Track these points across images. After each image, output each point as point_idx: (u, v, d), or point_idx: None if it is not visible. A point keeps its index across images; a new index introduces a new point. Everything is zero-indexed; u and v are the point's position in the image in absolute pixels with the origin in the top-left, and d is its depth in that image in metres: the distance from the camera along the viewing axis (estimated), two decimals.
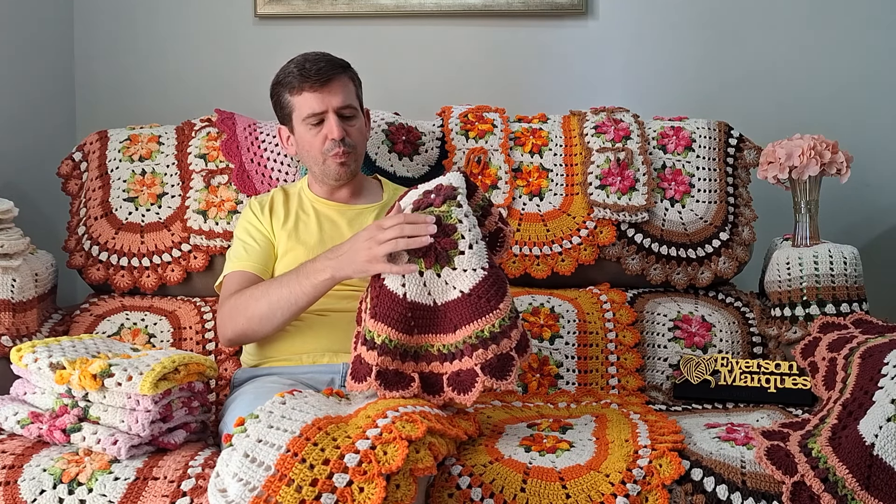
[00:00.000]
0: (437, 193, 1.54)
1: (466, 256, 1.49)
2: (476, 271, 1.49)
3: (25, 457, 1.46)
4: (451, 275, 1.49)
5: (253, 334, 1.72)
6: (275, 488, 1.23)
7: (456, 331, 1.48)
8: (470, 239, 1.49)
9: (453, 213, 1.51)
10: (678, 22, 2.57)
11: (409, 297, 1.49)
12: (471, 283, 1.48)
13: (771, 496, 1.39)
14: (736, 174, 2.20)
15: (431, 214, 1.50)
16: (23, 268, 1.90)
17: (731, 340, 2.01)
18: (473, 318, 1.48)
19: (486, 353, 1.47)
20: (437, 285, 1.49)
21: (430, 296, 1.50)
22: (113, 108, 2.58)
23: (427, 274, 1.49)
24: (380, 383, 1.48)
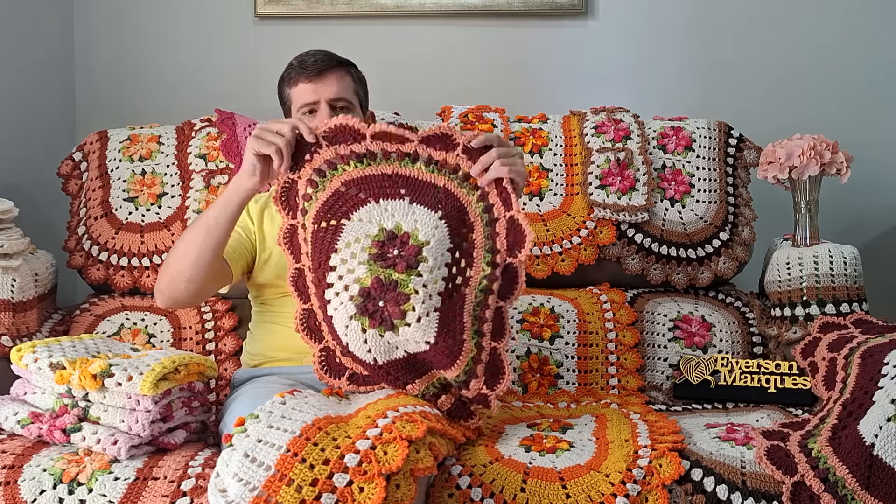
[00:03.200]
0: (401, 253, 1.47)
1: (412, 328, 1.44)
2: (419, 343, 1.46)
3: (25, 457, 1.46)
4: (395, 339, 1.46)
5: (178, 276, 1.62)
6: (275, 488, 1.23)
7: (405, 387, 1.50)
8: (421, 311, 1.44)
9: (412, 282, 1.45)
10: (678, 22, 2.57)
11: (351, 348, 1.48)
12: (415, 351, 1.47)
13: (771, 496, 1.39)
14: (736, 174, 2.20)
15: (390, 279, 1.45)
16: (23, 268, 1.90)
17: (731, 340, 2.01)
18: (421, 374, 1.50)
19: (479, 382, 1.49)
20: (379, 345, 1.46)
21: (370, 353, 1.47)
22: (113, 108, 2.58)
23: (370, 333, 1.46)
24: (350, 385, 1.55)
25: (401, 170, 1.53)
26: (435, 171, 1.53)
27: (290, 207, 1.55)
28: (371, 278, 1.46)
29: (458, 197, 1.52)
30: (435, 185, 1.52)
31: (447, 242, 1.49)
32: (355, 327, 1.46)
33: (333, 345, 1.53)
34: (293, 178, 1.54)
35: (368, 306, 1.46)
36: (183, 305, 1.74)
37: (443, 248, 1.49)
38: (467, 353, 1.47)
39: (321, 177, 1.53)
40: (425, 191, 1.52)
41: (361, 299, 1.46)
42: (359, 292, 1.46)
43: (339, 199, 1.52)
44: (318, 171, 1.53)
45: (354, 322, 1.46)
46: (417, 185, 1.52)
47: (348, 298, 1.47)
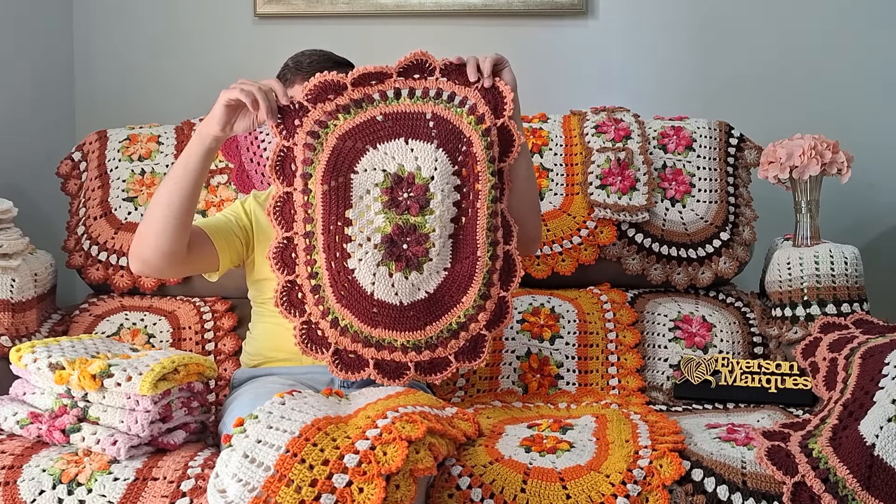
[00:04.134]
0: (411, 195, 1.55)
1: (434, 262, 1.56)
2: (440, 273, 1.56)
3: (25, 457, 1.45)
4: (419, 278, 1.55)
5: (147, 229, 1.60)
6: (274, 489, 1.23)
7: (425, 328, 1.55)
8: (439, 245, 1.56)
9: (428, 221, 1.55)
10: (678, 22, 2.57)
11: (377, 295, 1.54)
12: (436, 284, 1.56)
13: (771, 497, 1.38)
14: (737, 174, 2.20)
15: (408, 224, 1.54)
16: (22, 268, 1.89)
17: (731, 340, 2.00)
18: (440, 315, 1.56)
19: (459, 342, 1.57)
20: (405, 287, 1.55)
21: (396, 296, 1.55)
22: (112, 107, 2.58)
23: (396, 276, 1.54)
24: (335, 362, 1.56)
25: (387, 108, 1.59)
26: (419, 100, 1.59)
27: (286, 175, 1.58)
28: (391, 225, 1.55)
29: (448, 118, 1.58)
30: (423, 113, 1.59)
31: (450, 168, 1.57)
32: (383, 273, 1.54)
33: (317, 316, 1.56)
34: (288, 146, 1.57)
35: (394, 251, 1.55)
36: (155, 269, 1.65)
37: (447, 177, 1.57)
38: (482, 269, 1.57)
39: (316, 138, 1.57)
40: (416, 122, 1.58)
41: (385, 246, 1.55)
42: (381, 240, 1.55)
43: (339, 155, 1.56)
44: (311, 134, 1.57)
45: (382, 268, 1.54)
46: (407, 119, 1.59)
47: (373, 247, 1.55)
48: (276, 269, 1.57)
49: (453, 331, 1.58)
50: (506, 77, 1.63)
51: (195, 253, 1.67)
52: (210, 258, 1.70)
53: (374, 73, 1.58)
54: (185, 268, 1.71)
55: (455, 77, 1.60)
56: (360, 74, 1.58)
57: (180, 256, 1.63)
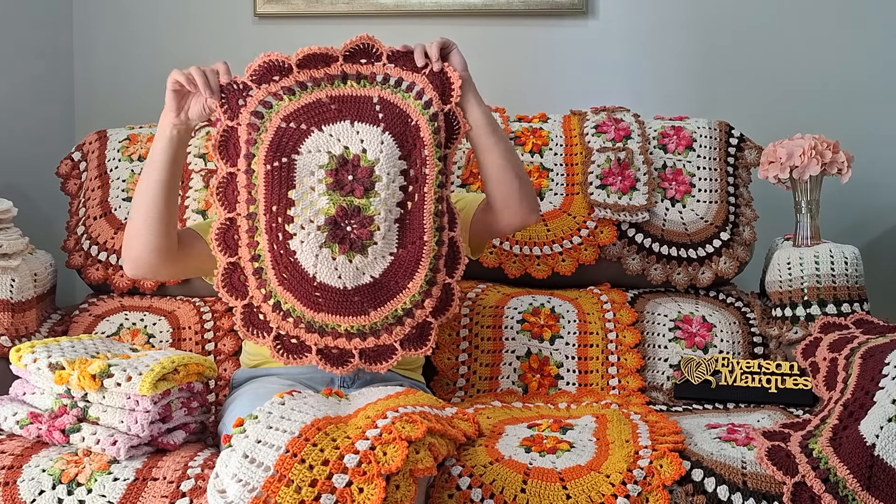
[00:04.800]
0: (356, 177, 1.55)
1: (379, 246, 1.55)
2: (385, 258, 1.56)
3: (24, 457, 1.45)
4: (363, 262, 1.55)
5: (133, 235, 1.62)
6: (274, 489, 1.23)
7: (370, 313, 1.55)
8: (384, 229, 1.55)
9: (373, 204, 1.55)
10: (678, 22, 2.57)
11: (319, 278, 1.54)
12: (381, 268, 1.55)
13: (772, 497, 1.38)
14: (737, 174, 2.20)
15: (352, 206, 1.54)
16: (22, 268, 1.89)
17: (731, 341, 2.00)
18: (385, 300, 1.55)
19: (404, 329, 1.57)
20: (349, 270, 1.54)
21: (340, 279, 1.54)
22: (112, 107, 2.58)
23: (339, 259, 1.54)
24: (276, 346, 1.55)
25: (333, 91, 1.59)
26: (366, 84, 1.60)
27: (229, 156, 1.58)
28: (335, 207, 1.54)
29: (396, 103, 1.59)
30: (370, 97, 1.59)
31: (396, 153, 1.57)
32: (326, 255, 1.54)
33: (259, 299, 1.56)
34: (232, 126, 1.58)
35: (337, 233, 1.54)
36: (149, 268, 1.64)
37: (393, 161, 1.56)
38: (429, 254, 1.57)
39: (259, 118, 1.57)
40: (362, 106, 1.58)
41: (329, 227, 1.54)
42: (325, 221, 1.54)
43: (283, 136, 1.56)
44: (255, 114, 1.57)
45: (325, 250, 1.54)
46: (354, 103, 1.59)
47: (316, 229, 1.54)
48: (217, 251, 1.57)
49: (398, 317, 1.57)
50: (454, 60, 1.64)
51: (188, 252, 1.67)
52: (205, 258, 1.70)
53: (320, 54, 1.59)
54: (178, 266, 1.70)
55: (402, 63, 1.61)
56: (305, 55, 1.58)
57: (171, 253, 1.63)
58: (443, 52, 1.63)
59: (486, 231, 1.80)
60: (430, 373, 1.93)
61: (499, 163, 1.68)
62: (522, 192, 1.71)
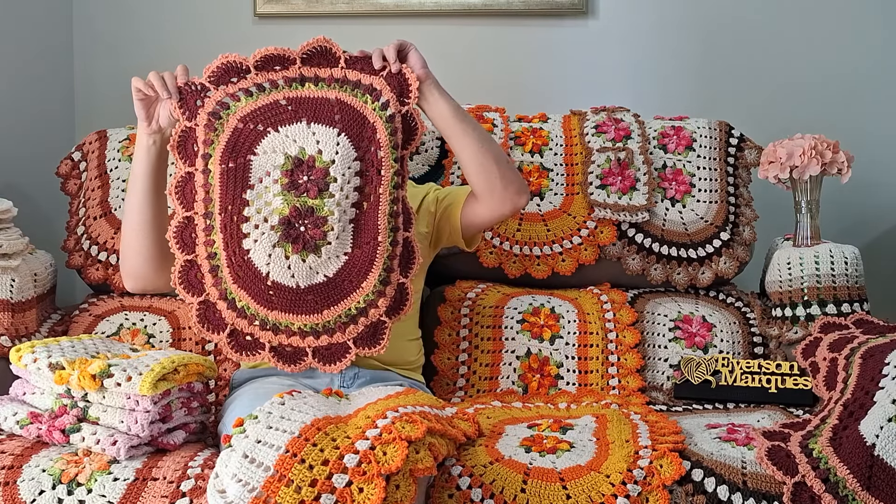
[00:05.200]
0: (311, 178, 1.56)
1: (333, 246, 1.55)
2: (339, 257, 1.56)
3: (24, 457, 1.45)
4: (317, 261, 1.55)
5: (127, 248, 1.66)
6: (274, 489, 1.23)
7: (322, 311, 1.55)
8: (338, 229, 1.55)
9: (326, 204, 1.55)
10: (678, 22, 2.57)
11: (272, 276, 1.55)
12: (335, 269, 1.56)
13: (772, 497, 1.38)
14: (737, 174, 2.20)
15: (306, 206, 1.54)
16: (22, 268, 1.89)
17: (731, 340, 2.00)
18: (339, 300, 1.56)
19: (357, 328, 1.57)
20: (302, 270, 1.54)
21: (293, 278, 1.55)
22: (112, 107, 2.58)
23: (293, 258, 1.54)
24: (230, 343, 1.57)
25: (291, 93, 1.61)
26: (324, 87, 1.61)
27: (187, 156, 1.60)
28: (289, 207, 1.55)
29: (353, 105, 1.60)
30: (327, 98, 1.60)
31: (352, 154, 1.58)
32: (279, 255, 1.54)
33: (215, 296, 1.57)
34: (190, 127, 1.59)
35: (291, 233, 1.55)
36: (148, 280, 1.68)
37: (348, 162, 1.57)
38: (383, 255, 1.57)
39: (217, 118, 1.59)
40: (319, 107, 1.60)
41: (283, 227, 1.55)
42: (279, 221, 1.55)
43: (239, 137, 1.58)
44: (212, 115, 1.59)
45: (278, 249, 1.54)
46: (311, 104, 1.60)
47: (269, 228, 1.55)
48: (175, 249, 1.59)
49: (352, 316, 1.57)
50: (412, 60, 1.64)
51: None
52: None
53: (277, 56, 1.60)
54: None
55: (360, 66, 1.63)
56: (262, 57, 1.60)
57: (166, 261, 1.65)
58: (400, 54, 1.64)
59: (477, 221, 1.79)
60: (430, 373, 1.93)
61: (474, 148, 1.68)
62: (505, 175, 1.70)
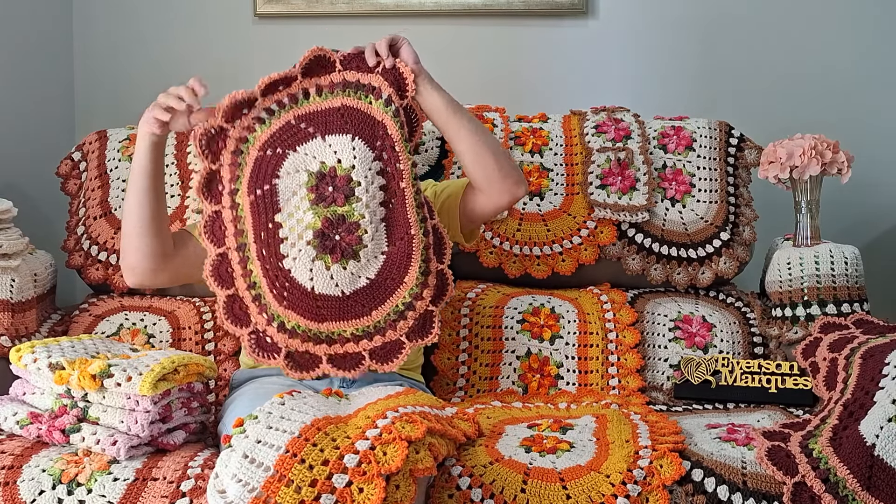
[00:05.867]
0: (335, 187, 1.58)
1: (370, 248, 1.57)
2: (378, 258, 1.58)
3: (24, 457, 1.45)
4: (357, 266, 1.57)
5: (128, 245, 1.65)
6: (274, 489, 1.23)
7: (371, 313, 1.57)
8: (371, 230, 1.58)
9: (356, 209, 1.57)
10: (678, 22, 2.57)
11: (318, 289, 1.56)
12: (376, 269, 1.57)
13: (772, 497, 1.38)
14: (737, 174, 2.20)
15: (336, 215, 1.56)
16: (22, 268, 1.89)
17: (731, 341, 2.00)
18: (385, 298, 1.57)
19: (407, 322, 1.58)
20: (344, 277, 1.56)
21: (337, 287, 1.56)
22: (112, 107, 2.58)
23: (334, 268, 1.56)
24: (288, 364, 1.57)
25: (299, 110, 1.62)
26: (328, 95, 1.62)
27: (213, 195, 1.61)
28: (320, 220, 1.57)
29: (359, 107, 1.62)
30: (334, 107, 1.62)
31: (369, 155, 1.60)
32: (320, 267, 1.56)
33: (262, 324, 1.58)
34: (215, 169, 1.60)
35: (327, 244, 1.56)
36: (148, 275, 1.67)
37: (368, 164, 1.59)
38: (419, 247, 1.59)
39: (240, 155, 1.60)
40: (328, 118, 1.62)
41: (318, 240, 1.56)
42: (314, 235, 1.57)
43: (262, 165, 1.59)
44: (235, 153, 1.60)
45: (318, 262, 1.56)
46: (320, 117, 1.62)
47: (306, 244, 1.56)
48: (214, 286, 1.59)
49: (400, 311, 1.59)
50: (404, 54, 1.66)
51: (183, 253, 1.69)
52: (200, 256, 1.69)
53: (281, 78, 1.62)
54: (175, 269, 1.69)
55: (356, 66, 1.64)
56: (267, 84, 1.61)
57: (167, 256, 1.65)
58: (392, 49, 1.65)
59: (476, 214, 1.78)
60: (430, 373, 1.93)
61: (470, 140, 1.68)
62: (502, 166, 1.70)
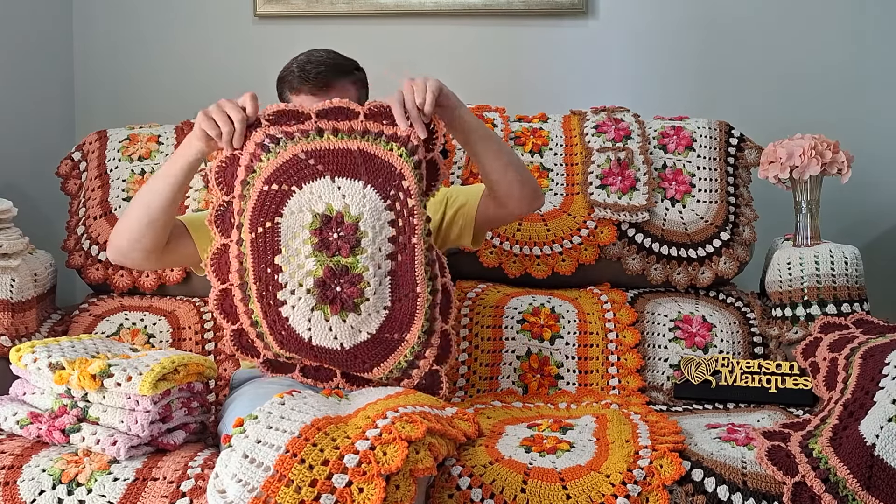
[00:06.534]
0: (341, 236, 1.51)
1: (371, 301, 1.51)
2: (380, 312, 1.52)
3: (24, 457, 1.45)
4: (357, 320, 1.51)
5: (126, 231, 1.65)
6: (274, 489, 1.23)
7: (373, 370, 1.54)
8: (375, 284, 1.51)
9: (360, 261, 1.50)
10: (678, 22, 2.57)
11: (315, 341, 1.52)
12: (377, 324, 1.52)
13: (772, 497, 1.38)
14: (737, 174, 2.20)
15: (339, 265, 1.50)
16: (22, 268, 1.89)
17: (731, 340, 2.00)
18: (386, 355, 1.53)
19: (412, 381, 1.56)
20: (344, 330, 1.52)
21: (336, 339, 1.52)
22: (112, 107, 2.58)
23: (333, 319, 1.51)
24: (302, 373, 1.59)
25: (309, 145, 1.53)
26: (344, 137, 1.53)
27: (224, 229, 1.57)
28: (322, 269, 1.51)
29: (377, 154, 1.53)
30: (349, 149, 1.52)
31: (380, 205, 1.52)
32: (318, 317, 1.51)
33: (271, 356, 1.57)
34: (227, 200, 1.56)
35: (328, 294, 1.51)
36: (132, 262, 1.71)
37: (378, 214, 1.51)
38: (423, 305, 1.52)
39: (245, 185, 1.54)
40: (341, 159, 1.52)
41: (318, 290, 1.51)
42: (314, 283, 1.51)
43: (265, 200, 1.52)
44: (243, 183, 1.54)
45: (317, 312, 1.51)
46: (332, 156, 1.52)
47: (305, 292, 1.51)
48: (221, 319, 1.59)
49: (403, 369, 1.56)
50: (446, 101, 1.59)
51: (173, 246, 1.70)
52: (190, 252, 1.72)
53: (291, 111, 1.54)
54: (161, 262, 1.74)
55: (381, 118, 1.54)
56: (276, 111, 1.54)
57: (157, 252, 1.67)
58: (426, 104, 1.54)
59: (491, 221, 1.85)
60: None
61: (497, 163, 1.71)
62: (524, 183, 1.73)
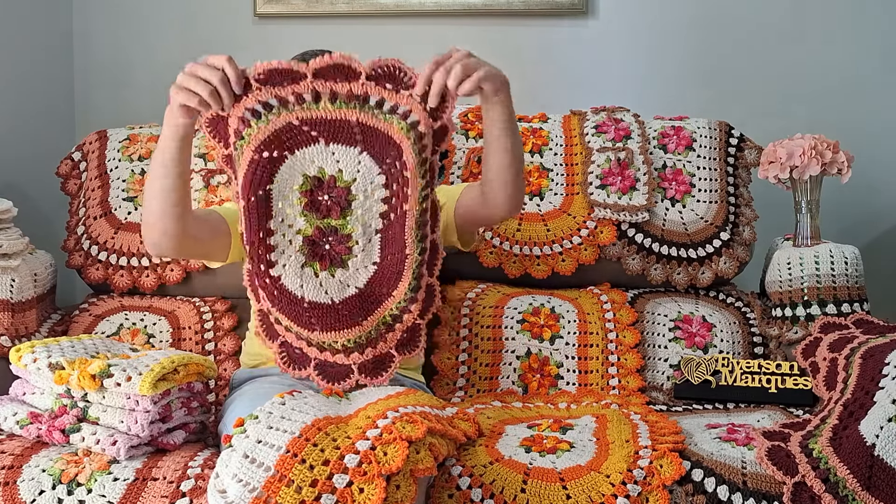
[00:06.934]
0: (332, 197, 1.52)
1: (359, 258, 1.54)
2: (367, 268, 1.55)
3: (24, 457, 1.45)
4: (345, 274, 1.54)
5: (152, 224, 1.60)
6: (274, 489, 1.23)
7: (362, 323, 1.54)
8: (363, 242, 1.54)
9: (349, 222, 1.54)
10: (679, 21, 2.57)
11: (307, 297, 1.53)
12: (364, 279, 1.54)
13: (772, 497, 1.38)
14: (737, 174, 2.20)
15: (329, 226, 1.53)
16: (22, 268, 1.89)
17: (731, 341, 2.00)
18: (374, 308, 1.54)
19: (396, 334, 1.56)
20: (333, 284, 1.54)
21: (326, 294, 1.54)
22: (112, 107, 2.58)
23: (322, 275, 1.54)
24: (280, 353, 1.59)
25: (304, 114, 1.49)
26: (343, 105, 1.48)
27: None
28: (312, 228, 1.54)
29: (377, 127, 1.49)
30: (347, 120, 1.49)
31: (375, 169, 1.52)
32: (308, 274, 1.54)
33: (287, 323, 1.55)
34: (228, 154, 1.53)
35: (317, 251, 1.54)
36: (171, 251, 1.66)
37: (371, 179, 1.52)
38: (411, 265, 1.53)
39: (235, 150, 1.51)
40: (338, 128, 1.50)
41: (308, 247, 1.54)
42: (303, 242, 1.54)
43: (256, 168, 1.49)
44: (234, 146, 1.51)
45: (307, 269, 1.54)
46: (328, 125, 1.50)
47: (296, 250, 1.54)
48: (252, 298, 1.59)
49: (388, 323, 1.56)
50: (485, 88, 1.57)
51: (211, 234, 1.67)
52: (223, 242, 1.69)
53: (284, 70, 1.47)
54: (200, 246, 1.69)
55: (385, 82, 1.49)
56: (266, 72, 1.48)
57: (190, 234, 1.61)
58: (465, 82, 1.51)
59: (473, 221, 1.80)
60: (430, 373, 1.93)
61: (505, 162, 1.67)
62: (517, 187, 1.70)
